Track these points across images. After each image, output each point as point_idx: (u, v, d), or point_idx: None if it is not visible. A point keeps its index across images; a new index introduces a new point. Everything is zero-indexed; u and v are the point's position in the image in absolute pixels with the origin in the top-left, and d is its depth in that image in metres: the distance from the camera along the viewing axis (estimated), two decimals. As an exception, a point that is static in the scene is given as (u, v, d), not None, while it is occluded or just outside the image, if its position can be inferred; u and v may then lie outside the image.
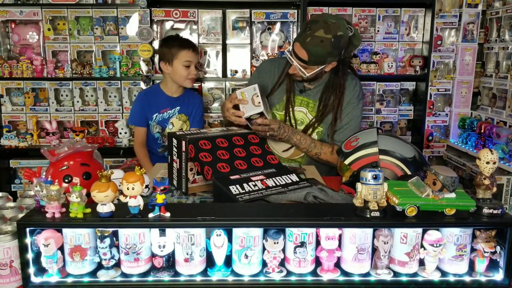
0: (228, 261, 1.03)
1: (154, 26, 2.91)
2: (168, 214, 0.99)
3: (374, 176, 0.98)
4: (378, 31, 2.96)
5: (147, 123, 2.47)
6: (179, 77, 2.40)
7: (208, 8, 2.90)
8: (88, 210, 0.99)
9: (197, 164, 1.35)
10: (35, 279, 0.99)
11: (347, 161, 1.46)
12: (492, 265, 1.04)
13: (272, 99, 2.07)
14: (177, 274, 1.01)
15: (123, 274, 1.01)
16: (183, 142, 1.37)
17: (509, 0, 2.79)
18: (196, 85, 2.97)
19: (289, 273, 1.03)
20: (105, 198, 0.96)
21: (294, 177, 1.38)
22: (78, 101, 2.97)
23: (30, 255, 0.98)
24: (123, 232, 0.99)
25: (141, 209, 0.99)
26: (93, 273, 1.01)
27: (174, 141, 1.43)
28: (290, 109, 2.03)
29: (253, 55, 2.95)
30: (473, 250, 1.04)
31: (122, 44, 2.93)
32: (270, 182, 1.31)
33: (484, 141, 2.62)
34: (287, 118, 2.04)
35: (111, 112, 2.99)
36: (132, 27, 2.91)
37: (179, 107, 2.47)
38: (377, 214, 0.99)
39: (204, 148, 1.36)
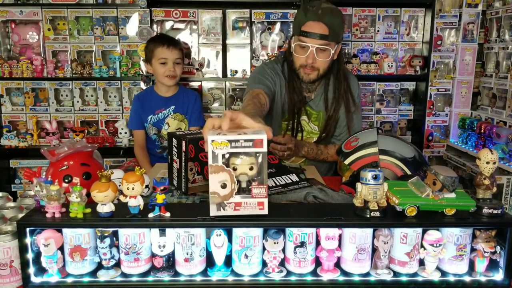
0: (228, 261, 1.03)
1: (154, 26, 2.91)
2: (168, 214, 0.99)
3: (374, 176, 0.98)
4: (378, 31, 2.96)
5: (144, 125, 2.47)
6: (158, 75, 2.40)
7: (208, 8, 2.90)
8: (88, 210, 0.99)
9: (197, 164, 1.35)
10: (35, 279, 0.99)
11: (347, 161, 1.46)
12: (492, 265, 1.04)
13: (277, 110, 1.93)
14: (177, 274, 1.01)
15: (123, 274, 1.01)
16: (183, 142, 1.37)
17: (509, 0, 2.79)
18: (196, 84, 2.98)
19: (289, 273, 1.03)
20: (105, 198, 0.96)
21: (294, 177, 1.38)
22: (78, 101, 2.97)
23: (30, 255, 0.97)
24: (123, 232, 0.99)
25: (141, 209, 0.99)
26: (93, 273, 1.01)
27: (174, 141, 1.42)
28: (298, 121, 1.96)
29: (253, 55, 2.95)
30: (473, 250, 1.04)
31: (122, 44, 2.93)
32: (270, 182, 1.31)
33: (484, 141, 2.62)
34: (296, 129, 1.98)
35: (111, 112, 2.99)
36: (132, 27, 2.91)
37: (174, 106, 2.46)
38: (377, 214, 0.99)
39: (204, 148, 1.35)
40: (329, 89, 1.96)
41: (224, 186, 0.96)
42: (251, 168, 0.96)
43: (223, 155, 0.95)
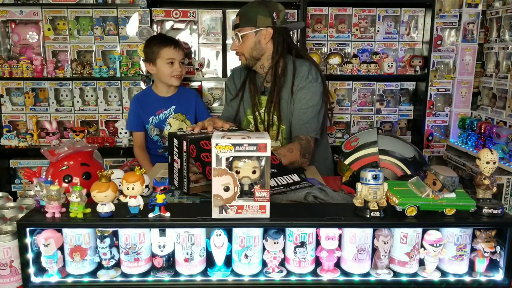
0: (228, 261, 1.03)
1: (154, 26, 2.91)
2: (168, 214, 0.99)
3: (374, 176, 0.98)
4: (378, 31, 2.96)
5: (144, 127, 2.46)
6: (164, 75, 2.38)
7: (208, 8, 2.90)
8: (88, 210, 0.99)
9: (199, 164, 1.35)
10: (35, 279, 0.99)
11: (347, 161, 1.46)
12: (492, 265, 1.04)
13: (242, 105, 2.07)
14: (177, 274, 1.01)
15: (123, 274, 1.01)
16: (184, 143, 1.37)
17: (509, 0, 2.79)
18: (196, 84, 2.98)
19: (289, 273, 1.03)
20: (105, 198, 0.96)
21: (295, 177, 1.38)
22: (78, 101, 2.97)
23: (30, 255, 0.98)
24: (123, 232, 0.99)
25: (141, 209, 0.99)
26: (93, 273, 1.01)
27: (175, 141, 1.42)
28: (257, 112, 2.00)
29: (253, 55, 2.94)
30: (473, 250, 1.04)
31: (122, 44, 2.93)
32: (272, 182, 1.31)
33: (484, 141, 2.63)
34: (256, 121, 2.01)
35: (111, 112, 2.99)
36: (132, 27, 2.91)
37: (174, 106, 2.46)
38: (377, 214, 0.99)
39: (205, 148, 1.35)
40: (276, 70, 1.97)
41: (227, 189, 0.96)
42: (254, 172, 0.97)
43: (227, 159, 0.95)
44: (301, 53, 2.05)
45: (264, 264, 1.03)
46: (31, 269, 0.98)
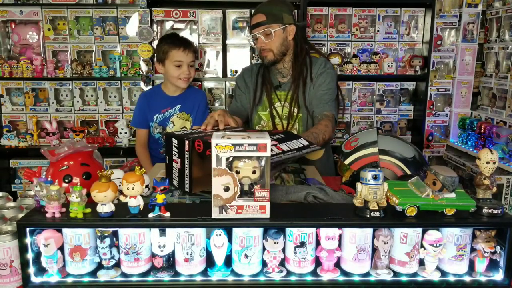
0: (228, 261, 1.03)
1: (154, 26, 2.91)
2: (168, 214, 0.99)
3: (374, 176, 0.98)
4: (378, 31, 2.96)
5: (148, 124, 2.45)
6: (171, 77, 2.37)
7: (208, 8, 2.90)
8: (88, 210, 0.99)
9: (210, 151, 1.33)
10: (35, 279, 0.99)
11: (347, 161, 1.46)
12: (492, 265, 1.04)
13: (254, 103, 2.15)
14: (177, 274, 1.01)
15: (123, 274, 1.01)
16: (186, 142, 1.35)
17: (509, 0, 2.79)
18: (196, 84, 2.98)
19: (289, 273, 1.03)
20: (105, 198, 0.96)
21: (303, 141, 1.39)
22: (78, 101, 2.97)
23: (30, 255, 0.98)
24: (123, 232, 0.99)
25: (141, 209, 0.99)
26: (93, 273, 1.01)
27: (174, 141, 1.41)
28: (273, 107, 2.09)
29: (253, 55, 2.95)
30: (473, 250, 1.04)
31: (122, 44, 2.94)
32: (284, 147, 1.31)
33: (484, 141, 2.63)
34: (273, 116, 2.08)
35: (111, 112, 2.99)
36: (132, 27, 2.91)
37: (180, 105, 2.45)
38: (377, 214, 0.99)
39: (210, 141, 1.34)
40: (296, 63, 2.10)
41: (227, 189, 0.96)
42: (253, 172, 0.97)
43: (227, 159, 0.95)
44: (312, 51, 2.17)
45: (264, 264, 1.03)
46: (31, 269, 0.98)
